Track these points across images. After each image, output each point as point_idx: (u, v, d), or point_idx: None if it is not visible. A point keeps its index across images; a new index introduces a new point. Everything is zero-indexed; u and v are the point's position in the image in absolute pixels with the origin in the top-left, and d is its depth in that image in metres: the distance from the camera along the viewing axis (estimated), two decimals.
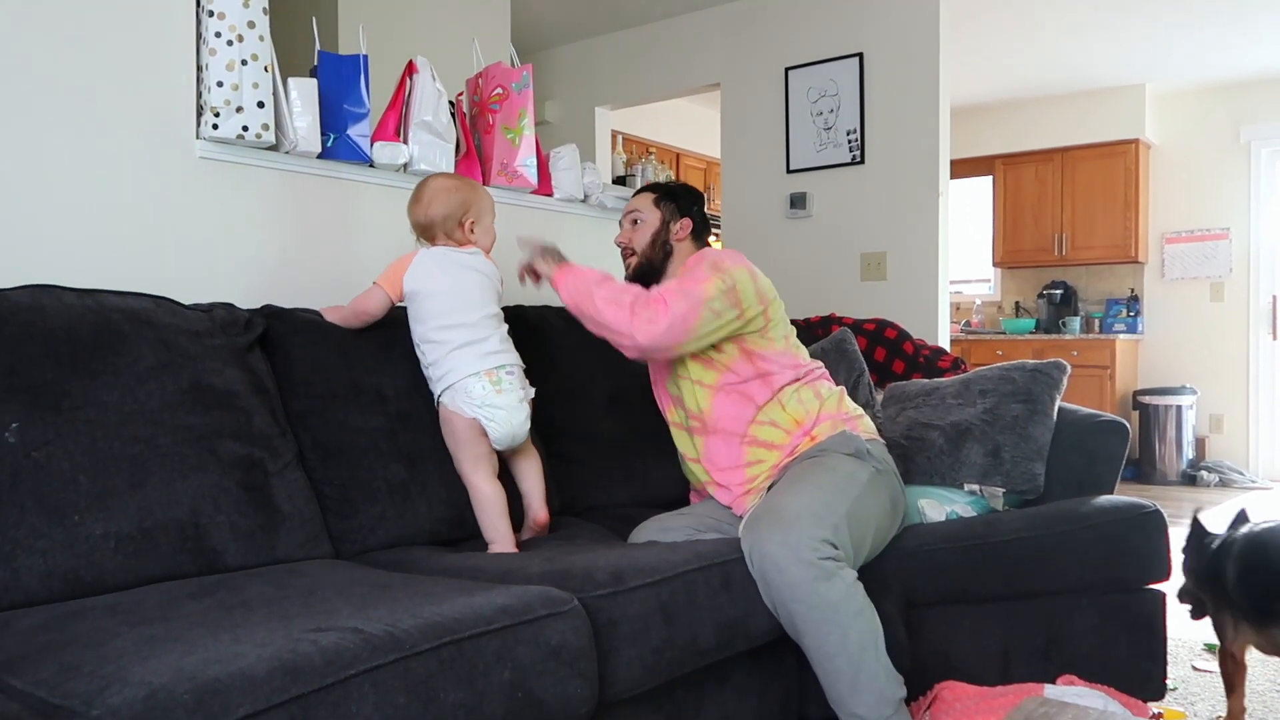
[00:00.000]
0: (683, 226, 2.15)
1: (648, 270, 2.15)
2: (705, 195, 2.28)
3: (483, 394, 1.87)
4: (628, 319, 1.89)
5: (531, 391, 1.98)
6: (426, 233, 1.97)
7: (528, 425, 1.95)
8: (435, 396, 1.93)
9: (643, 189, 2.23)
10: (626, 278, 2.19)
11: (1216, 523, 2.13)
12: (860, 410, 2.11)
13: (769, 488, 1.98)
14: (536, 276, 2.10)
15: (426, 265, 1.93)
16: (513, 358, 1.95)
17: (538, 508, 1.99)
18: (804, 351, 2.13)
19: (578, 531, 2.05)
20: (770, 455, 2.01)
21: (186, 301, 1.89)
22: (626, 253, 2.18)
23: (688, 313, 1.90)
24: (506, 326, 1.99)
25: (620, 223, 2.21)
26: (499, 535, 1.88)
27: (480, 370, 1.87)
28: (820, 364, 2.15)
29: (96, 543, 1.46)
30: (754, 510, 1.83)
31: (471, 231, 1.98)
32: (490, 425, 1.88)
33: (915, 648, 1.97)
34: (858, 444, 1.98)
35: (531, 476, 2.01)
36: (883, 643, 1.72)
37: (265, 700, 1.04)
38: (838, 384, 2.25)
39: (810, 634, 1.69)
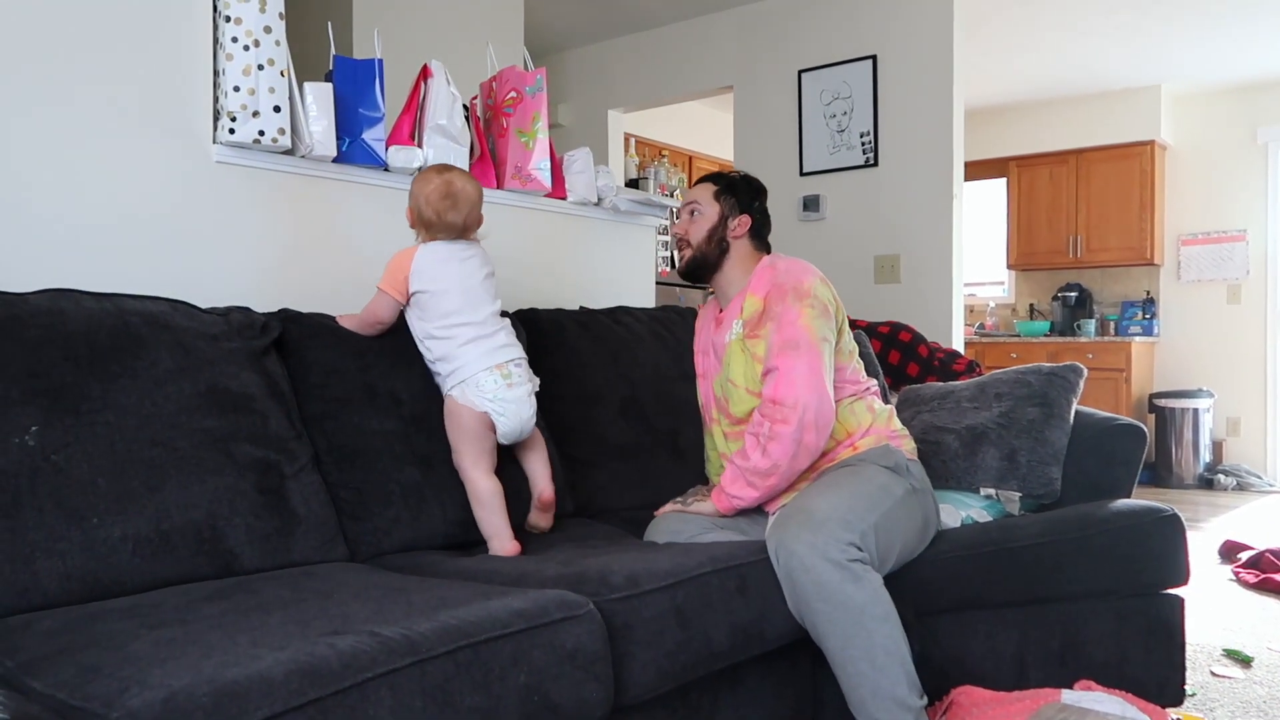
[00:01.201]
0: (740, 223, 2.09)
1: (701, 264, 2.10)
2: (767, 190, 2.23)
3: (494, 388, 1.89)
4: (783, 430, 1.87)
5: (537, 382, 2.00)
6: (451, 231, 1.93)
7: (534, 419, 1.97)
8: (444, 390, 1.94)
9: (705, 178, 2.17)
10: (679, 270, 2.17)
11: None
12: (906, 431, 2.10)
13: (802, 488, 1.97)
14: None
15: (432, 263, 1.91)
16: (519, 351, 1.97)
17: (544, 485, 1.98)
18: (863, 368, 2.11)
19: (592, 533, 2.05)
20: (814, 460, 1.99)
21: (203, 305, 1.90)
22: (681, 244, 2.12)
23: (811, 361, 1.88)
24: (508, 320, 2.01)
25: (678, 212, 2.18)
26: (498, 531, 1.88)
27: (491, 365, 1.90)
28: (874, 381, 2.12)
29: (115, 545, 1.47)
30: (782, 510, 1.82)
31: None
32: (500, 419, 1.90)
33: (931, 653, 1.96)
34: (898, 459, 1.97)
35: (538, 459, 2.00)
36: (907, 649, 1.71)
37: (283, 703, 1.04)
38: None
39: (834, 636, 1.68)
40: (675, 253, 2.17)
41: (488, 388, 1.89)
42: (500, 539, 1.87)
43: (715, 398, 2.11)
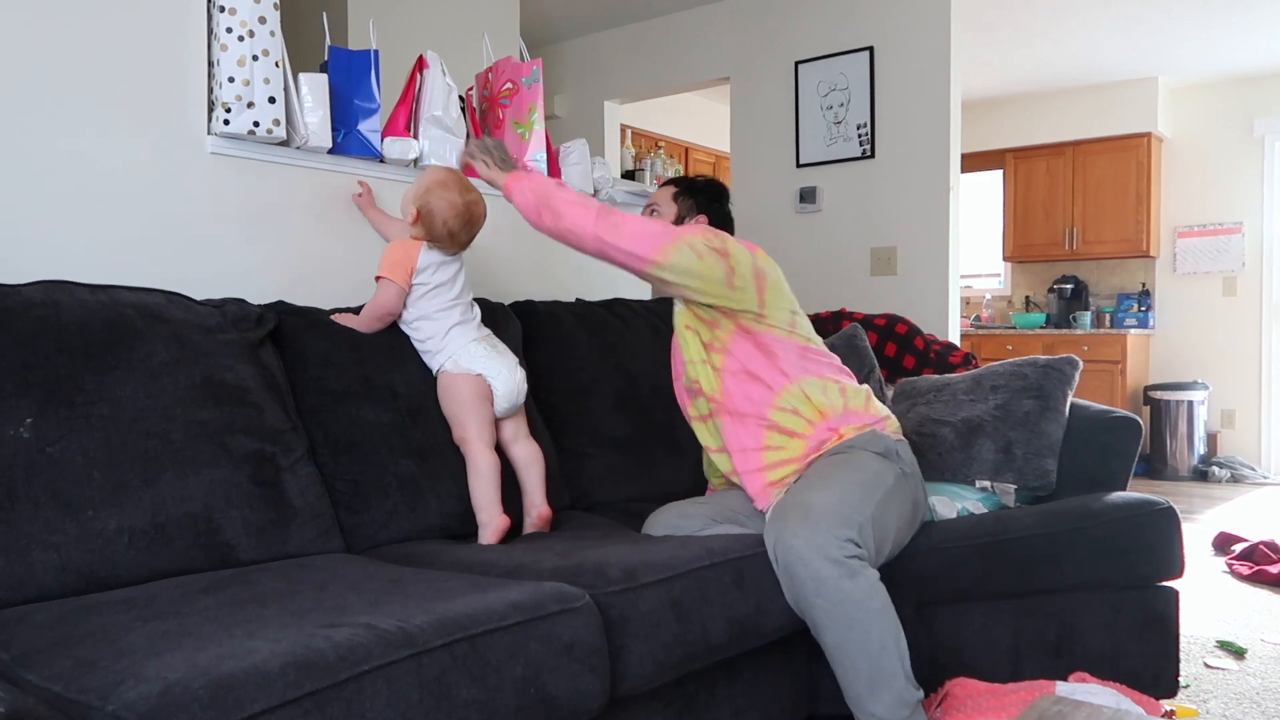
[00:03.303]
0: (697, 223, 2.14)
1: None
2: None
3: (485, 355, 1.99)
4: (592, 218, 1.91)
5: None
6: (456, 248, 2.01)
7: (524, 389, 2.04)
8: (435, 369, 2.00)
9: (668, 181, 2.23)
10: None
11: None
12: (888, 411, 2.10)
13: (795, 482, 1.97)
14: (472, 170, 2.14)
15: (436, 263, 2.00)
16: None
17: (540, 502, 2.00)
18: (818, 342, 2.10)
19: (589, 526, 2.05)
20: (791, 443, 1.97)
21: (198, 297, 1.89)
22: None
23: (662, 234, 1.92)
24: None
25: (642, 211, 2.22)
26: (489, 504, 1.90)
27: (478, 337, 2.01)
28: (837, 359, 2.12)
29: (110, 538, 1.46)
30: (779, 505, 1.82)
31: None
32: (496, 381, 1.97)
33: (926, 644, 1.96)
34: (887, 444, 1.97)
35: (533, 470, 2.02)
36: (904, 643, 1.72)
37: (279, 696, 1.04)
38: None
39: (831, 631, 1.69)
40: None
41: (478, 354, 1.98)
42: (490, 511, 1.90)
43: (689, 390, 2.11)
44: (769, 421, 1.99)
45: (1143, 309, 6.54)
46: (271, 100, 2.01)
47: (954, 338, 4.31)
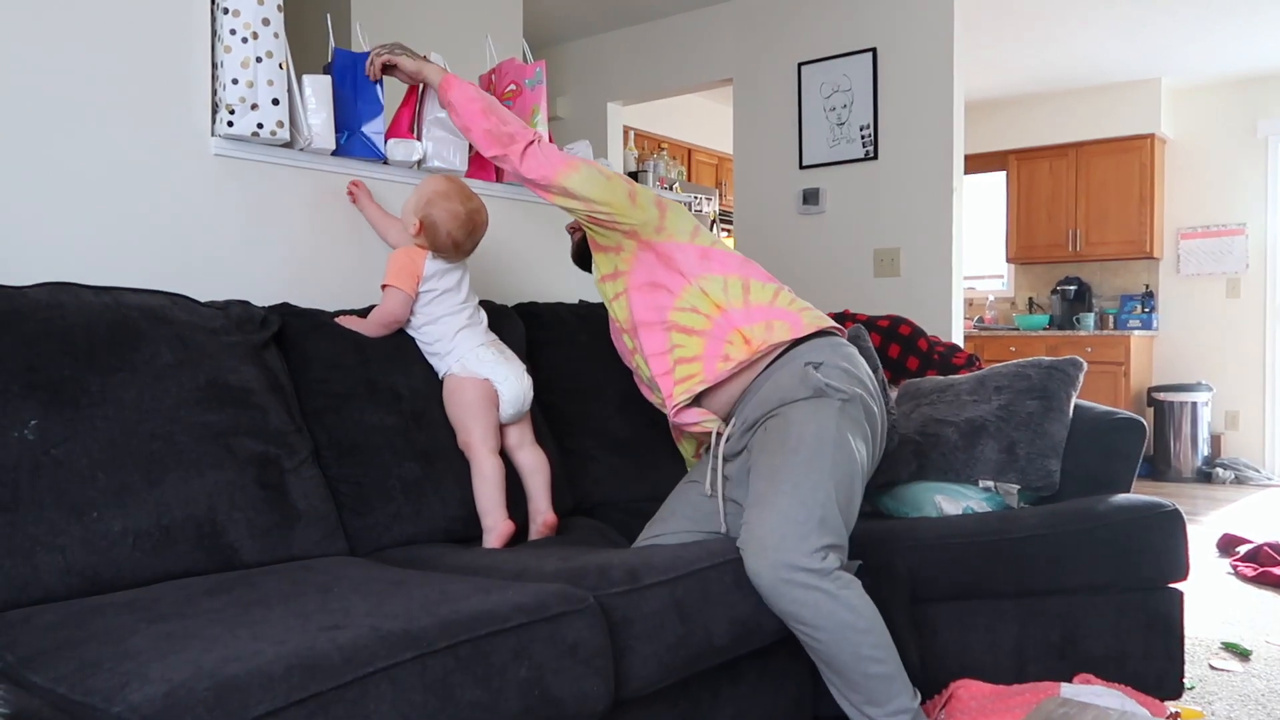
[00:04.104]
0: None
1: (582, 246, 2.20)
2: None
3: (492, 360, 1.99)
4: (528, 135, 1.97)
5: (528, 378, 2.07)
6: (458, 256, 2.02)
7: (530, 395, 2.04)
8: (442, 373, 2.01)
9: None
10: (572, 251, 2.25)
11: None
12: (804, 304, 1.99)
13: (732, 429, 1.93)
14: (385, 69, 2.19)
15: (441, 270, 2.01)
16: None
17: (546, 509, 2.01)
18: (727, 249, 2.05)
19: (593, 531, 2.05)
20: (691, 341, 1.94)
21: (202, 299, 1.90)
22: (575, 231, 2.21)
23: (573, 159, 1.96)
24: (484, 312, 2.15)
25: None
26: (494, 509, 1.91)
27: (486, 342, 2.02)
28: (755, 264, 2.06)
29: (115, 539, 1.46)
30: (742, 529, 1.73)
31: None
32: (503, 386, 1.97)
33: (930, 645, 1.96)
34: (814, 381, 1.83)
35: (538, 477, 2.02)
36: (895, 651, 1.68)
37: (284, 698, 1.04)
38: None
39: (820, 651, 1.66)
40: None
41: (486, 358, 1.99)
42: (495, 516, 1.91)
43: (625, 345, 2.12)
44: (670, 323, 1.97)
45: (1146, 310, 6.54)
46: (275, 102, 2.01)
47: (957, 339, 4.31)
